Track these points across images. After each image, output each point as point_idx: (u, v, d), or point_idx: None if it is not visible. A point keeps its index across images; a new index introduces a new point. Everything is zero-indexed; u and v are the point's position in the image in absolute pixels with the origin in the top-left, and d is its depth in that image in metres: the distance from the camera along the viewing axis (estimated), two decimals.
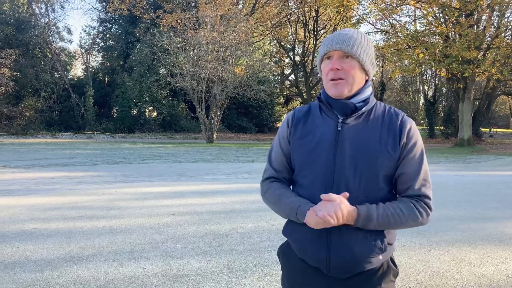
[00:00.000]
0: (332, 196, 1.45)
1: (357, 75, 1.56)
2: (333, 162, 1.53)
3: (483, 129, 42.25)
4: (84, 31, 69.14)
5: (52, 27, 43.64)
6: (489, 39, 26.55)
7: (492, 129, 56.54)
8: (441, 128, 43.14)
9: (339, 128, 1.56)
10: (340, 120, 1.57)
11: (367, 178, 1.51)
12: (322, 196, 1.46)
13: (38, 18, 43.19)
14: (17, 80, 35.20)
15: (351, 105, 1.55)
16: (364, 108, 1.57)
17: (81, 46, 45.72)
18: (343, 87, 1.54)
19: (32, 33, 40.11)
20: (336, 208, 1.42)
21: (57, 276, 3.75)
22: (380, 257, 1.54)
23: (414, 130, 1.57)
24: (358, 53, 1.53)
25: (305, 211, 1.51)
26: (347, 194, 1.47)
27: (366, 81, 1.61)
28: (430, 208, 1.56)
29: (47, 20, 43.71)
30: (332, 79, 1.54)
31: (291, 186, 1.72)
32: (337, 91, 1.54)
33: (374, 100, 1.62)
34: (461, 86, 27.31)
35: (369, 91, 1.61)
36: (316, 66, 1.57)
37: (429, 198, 1.57)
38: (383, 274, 1.58)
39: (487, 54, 25.69)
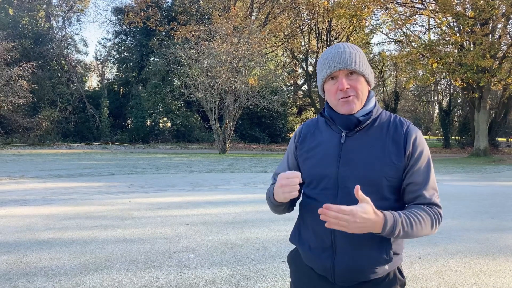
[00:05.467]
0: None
1: (364, 89, 1.58)
2: (336, 174, 1.55)
3: (500, 139, 41.57)
4: (100, 44, 70.66)
5: (68, 40, 44.44)
6: (505, 47, 26.26)
7: (509, 139, 55.60)
8: (457, 138, 42.56)
9: (342, 141, 1.58)
10: (343, 134, 1.59)
11: (370, 189, 1.50)
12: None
13: (55, 31, 44.05)
14: (35, 92, 35.80)
15: (354, 119, 1.57)
16: (368, 121, 1.58)
17: (96, 58, 46.41)
18: (354, 103, 1.55)
19: (49, 46, 40.87)
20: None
21: (72, 286, 3.77)
22: (386, 267, 1.54)
23: (420, 139, 1.57)
24: (362, 68, 1.55)
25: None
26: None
27: (369, 91, 1.63)
28: (441, 217, 1.54)
29: (64, 33, 44.55)
30: (342, 98, 1.55)
31: (301, 198, 1.74)
32: (349, 108, 1.55)
33: (380, 110, 1.63)
34: (477, 96, 26.97)
35: (372, 102, 1.62)
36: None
37: (440, 208, 1.56)
38: (389, 283, 1.58)
39: (503, 63, 25.39)
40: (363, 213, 1.36)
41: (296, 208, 1.78)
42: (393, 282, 1.58)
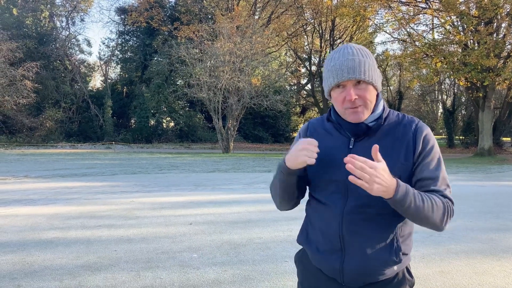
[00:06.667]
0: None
1: (372, 97, 1.53)
2: (345, 177, 1.47)
3: (504, 139, 41.33)
4: (103, 43, 70.63)
5: (72, 40, 44.61)
6: (509, 47, 26.14)
7: None
8: (461, 137, 42.37)
9: (351, 146, 1.55)
10: (352, 140, 1.55)
11: None
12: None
13: (59, 31, 44.20)
14: (38, 92, 35.92)
15: (363, 126, 1.53)
16: (376, 127, 1.55)
17: (100, 58, 46.53)
18: (362, 113, 1.51)
19: (53, 46, 41.03)
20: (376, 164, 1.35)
21: (76, 286, 3.78)
22: (395, 267, 1.53)
23: (430, 137, 1.54)
24: (371, 77, 1.50)
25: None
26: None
27: (377, 95, 1.58)
28: (453, 212, 1.50)
29: (67, 33, 44.72)
30: (350, 108, 1.50)
31: (309, 201, 1.72)
32: (357, 118, 1.51)
33: (388, 111, 1.59)
34: (481, 95, 26.84)
35: (381, 106, 1.58)
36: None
37: (453, 203, 1.52)
38: (398, 284, 1.56)
39: (507, 62, 25.27)
40: (383, 170, 1.35)
41: (301, 208, 1.77)
42: (402, 283, 1.57)
